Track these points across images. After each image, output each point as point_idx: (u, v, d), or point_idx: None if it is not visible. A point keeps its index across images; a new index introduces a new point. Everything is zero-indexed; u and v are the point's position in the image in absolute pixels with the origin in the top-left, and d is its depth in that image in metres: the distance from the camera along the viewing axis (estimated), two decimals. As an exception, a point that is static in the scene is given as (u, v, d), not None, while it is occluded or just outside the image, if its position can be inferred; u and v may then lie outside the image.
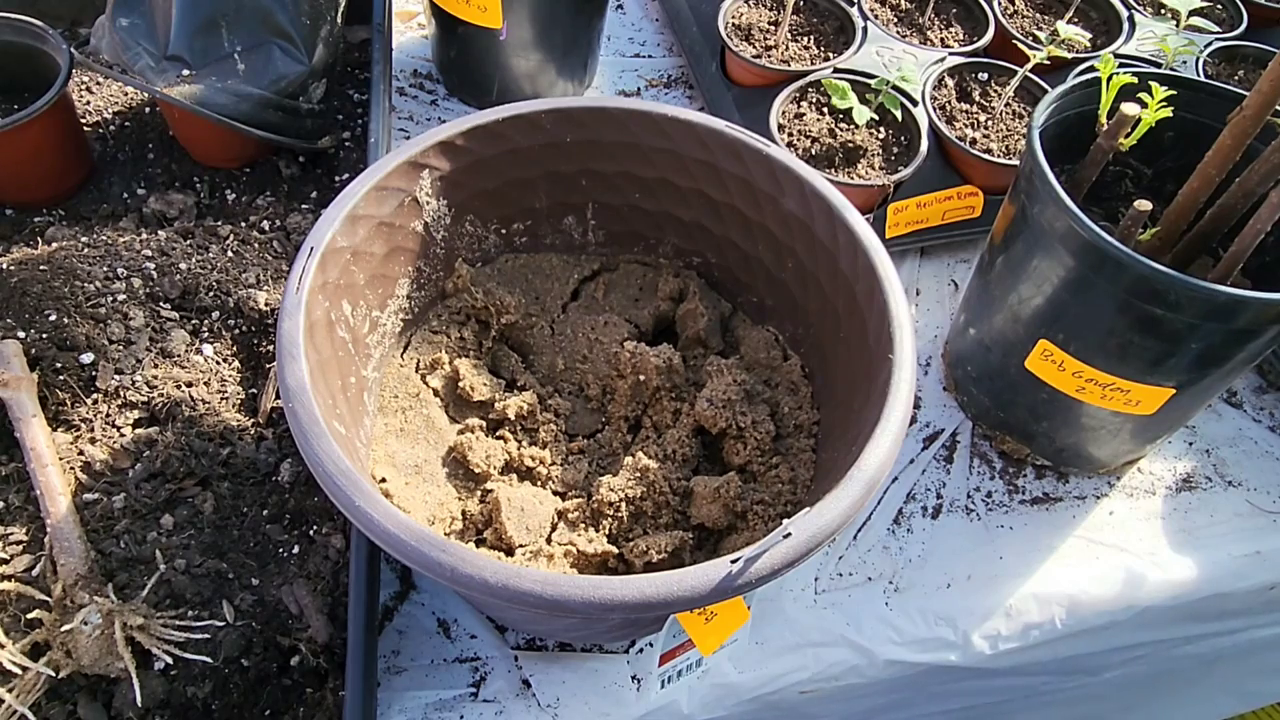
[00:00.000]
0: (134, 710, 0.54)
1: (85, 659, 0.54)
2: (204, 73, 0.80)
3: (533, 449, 0.64)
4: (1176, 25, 0.97)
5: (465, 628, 0.65)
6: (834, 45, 1.00)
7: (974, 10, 1.05)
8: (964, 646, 0.68)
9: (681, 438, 0.65)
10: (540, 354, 0.72)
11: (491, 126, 0.65)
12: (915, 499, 0.75)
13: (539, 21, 0.91)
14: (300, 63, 0.84)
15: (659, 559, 0.57)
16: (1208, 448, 0.81)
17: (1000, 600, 0.70)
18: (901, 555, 0.72)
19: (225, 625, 0.57)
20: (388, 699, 0.61)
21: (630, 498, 0.60)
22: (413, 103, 1.01)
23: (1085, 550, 0.73)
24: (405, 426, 0.64)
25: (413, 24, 1.11)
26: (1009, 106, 0.93)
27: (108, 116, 0.92)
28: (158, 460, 0.63)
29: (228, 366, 0.71)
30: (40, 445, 0.62)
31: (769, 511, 0.61)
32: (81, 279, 0.69)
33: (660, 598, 0.43)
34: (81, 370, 0.66)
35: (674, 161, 0.68)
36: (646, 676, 0.64)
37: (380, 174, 0.61)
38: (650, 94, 1.07)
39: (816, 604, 0.69)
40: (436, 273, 0.69)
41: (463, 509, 0.61)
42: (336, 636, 0.60)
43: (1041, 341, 0.66)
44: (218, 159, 0.88)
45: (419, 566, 0.44)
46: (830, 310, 0.64)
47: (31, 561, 0.59)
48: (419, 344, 0.69)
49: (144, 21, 0.81)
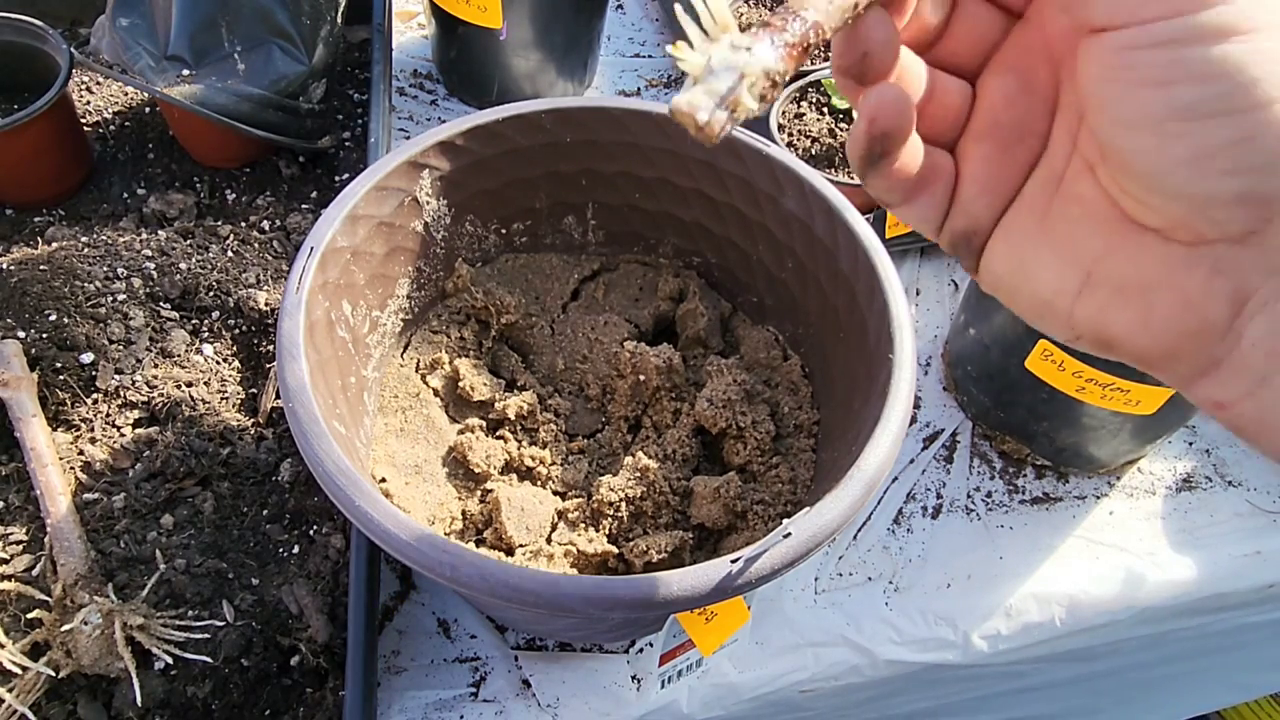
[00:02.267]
0: (134, 710, 0.54)
1: (85, 659, 0.54)
2: (204, 73, 0.80)
3: (533, 449, 0.64)
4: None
5: (465, 628, 0.65)
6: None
7: None
8: (964, 646, 0.68)
9: (681, 438, 0.65)
10: (540, 354, 0.72)
11: (491, 126, 0.65)
12: (915, 499, 0.75)
13: (539, 21, 0.91)
14: (300, 63, 0.84)
15: (659, 559, 0.57)
16: (1208, 448, 0.81)
17: (1000, 600, 0.70)
18: (901, 555, 0.72)
19: (225, 625, 0.57)
20: (388, 699, 0.61)
21: (630, 497, 0.60)
22: (413, 103, 1.01)
23: (1085, 550, 0.73)
24: (405, 426, 0.64)
25: (413, 24, 1.11)
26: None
27: (108, 116, 0.92)
28: (158, 460, 0.63)
29: (228, 366, 0.71)
30: (40, 445, 0.62)
31: (769, 511, 0.61)
32: (81, 279, 0.69)
33: (660, 598, 0.43)
34: (81, 370, 0.66)
35: (674, 161, 0.68)
36: (646, 676, 0.64)
37: (380, 174, 0.61)
38: (650, 94, 1.07)
39: (816, 604, 0.69)
40: (436, 273, 0.69)
41: (463, 509, 0.61)
42: (336, 636, 0.60)
43: (1042, 341, 0.66)
44: (218, 159, 0.88)
45: (419, 566, 0.44)
46: (830, 310, 0.64)
47: (31, 561, 0.59)
48: (419, 344, 0.69)
49: (144, 21, 0.81)
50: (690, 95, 0.25)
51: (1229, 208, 0.25)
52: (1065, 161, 0.30)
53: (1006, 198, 0.32)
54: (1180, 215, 0.26)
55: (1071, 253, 0.29)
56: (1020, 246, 0.31)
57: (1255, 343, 0.26)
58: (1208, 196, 0.25)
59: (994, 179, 0.32)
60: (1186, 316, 0.27)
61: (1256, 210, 0.25)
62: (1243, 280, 0.26)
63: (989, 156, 0.32)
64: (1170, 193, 0.26)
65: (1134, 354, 0.29)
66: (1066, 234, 0.30)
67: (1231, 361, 0.27)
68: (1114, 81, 0.26)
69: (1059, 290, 0.30)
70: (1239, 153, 0.24)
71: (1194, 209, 0.25)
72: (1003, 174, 0.32)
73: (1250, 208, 0.25)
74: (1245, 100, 0.23)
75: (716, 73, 0.25)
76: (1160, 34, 0.24)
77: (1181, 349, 0.28)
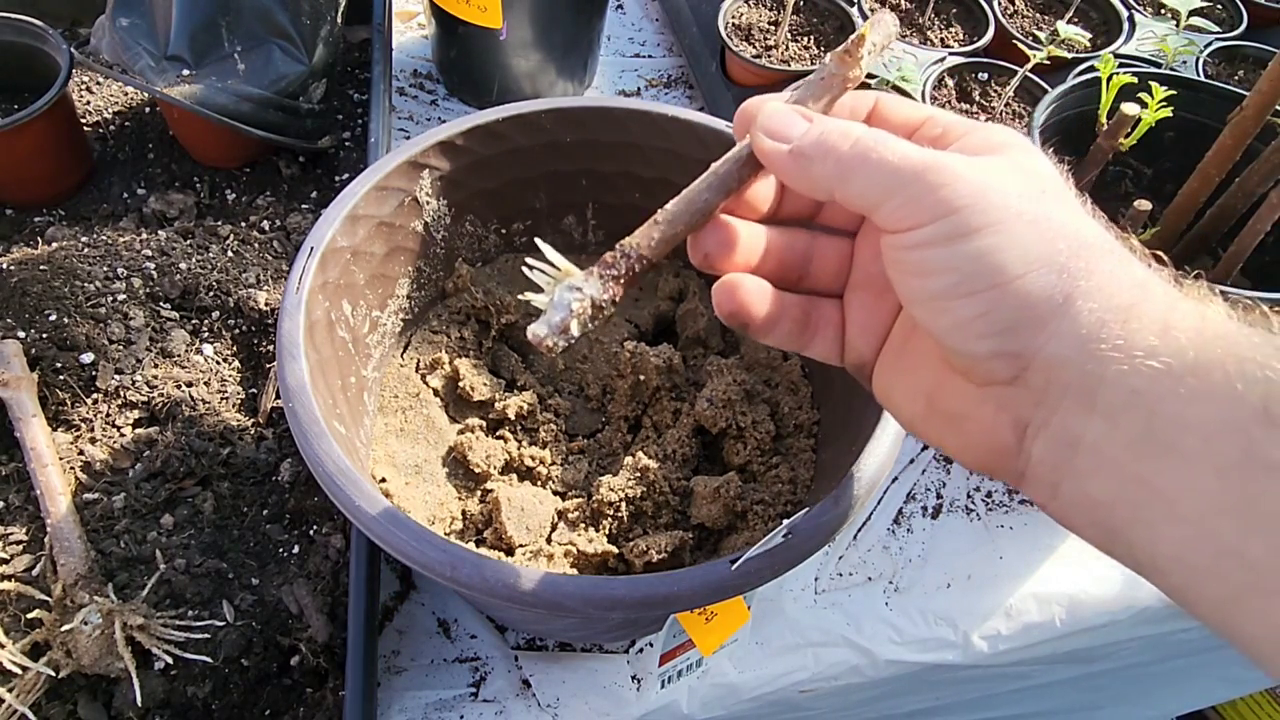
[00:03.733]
0: (134, 710, 0.54)
1: (85, 659, 0.54)
2: (204, 73, 0.80)
3: (533, 449, 0.64)
4: (1176, 25, 0.97)
5: (465, 628, 0.65)
6: (834, 45, 0.99)
7: (974, 10, 1.05)
8: (964, 646, 0.68)
9: (681, 438, 0.65)
10: (540, 354, 0.72)
11: (491, 126, 0.65)
12: (915, 499, 0.75)
13: (539, 21, 0.91)
14: (300, 63, 0.84)
15: (659, 559, 0.57)
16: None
17: (1000, 600, 0.70)
18: (901, 555, 0.72)
19: (225, 625, 0.57)
20: (388, 699, 0.61)
21: (630, 497, 0.60)
22: (413, 103, 1.01)
23: (1085, 550, 0.73)
24: (405, 426, 0.64)
25: (413, 24, 1.11)
26: (1009, 106, 0.93)
27: (108, 116, 0.92)
28: (158, 460, 0.63)
29: (228, 366, 0.71)
30: (40, 445, 0.62)
31: (769, 511, 0.61)
32: (81, 279, 0.69)
33: (660, 597, 0.43)
34: (81, 370, 0.66)
35: (674, 161, 0.68)
36: (646, 676, 0.64)
37: (380, 174, 0.61)
38: (650, 94, 1.07)
39: (816, 604, 0.69)
40: (436, 273, 0.69)
41: (463, 509, 0.61)
42: (336, 636, 0.60)
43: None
44: (218, 159, 0.88)
45: (419, 566, 0.44)
46: (830, 310, 0.64)
47: (31, 561, 0.59)
48: (419, 344, 0.69)
49: (144, 21, 0.80)
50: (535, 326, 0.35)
51: (990, 361, 0.32)
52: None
53: (881, 337, 0.39)
54: (964, 365, 0.33)
55: (917, 386, 0.37)
56: (888, 378, 0.39)
57: (1039, 460, 0.32)
58: (971, 353, 0.32)
59: (870, 322, 0.39)
60: (988, 440, 0.34)
61: (1012, 361, 0.31)
62: (1018, 413, 0.32)
63: (865, 303, 0.40)
64: (951, 349, 0.33)
65: (965, 463, 0.36)
66: (913, 370, 0.37)
67: (1029, 474, 0.33)
68: (894, 270, 0.34)
69: (914, 413, 0.37)
70: (984, 322, 0.31)
71: (970, 362, 0.33)
72: (877, 318, 0.39)
73: (1005, 360, 0.32)
74: (980, 283, 0.31)
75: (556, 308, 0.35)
76: (916, 239, 0.32)
77: (993, 464, 0.34)
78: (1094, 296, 0.30)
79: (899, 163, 0.32)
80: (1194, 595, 0.29)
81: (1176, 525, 0.29)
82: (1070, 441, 0.31)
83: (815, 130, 0.35)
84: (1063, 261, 0.30)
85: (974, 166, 0.32)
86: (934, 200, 0.31)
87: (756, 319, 0.38)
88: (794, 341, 0.40)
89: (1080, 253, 0.31)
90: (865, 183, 0.33)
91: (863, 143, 0.33)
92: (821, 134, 0.34)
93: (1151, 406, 0.29)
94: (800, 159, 0.34)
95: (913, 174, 0.32)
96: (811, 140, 0.34)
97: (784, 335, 0.40)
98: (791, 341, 0.40)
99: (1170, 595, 0.30)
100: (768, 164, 0.36)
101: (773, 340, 0.40)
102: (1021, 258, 0.30)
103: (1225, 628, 0.29)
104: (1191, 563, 0.28)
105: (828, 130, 0.34)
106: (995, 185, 0.31)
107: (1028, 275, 0.30)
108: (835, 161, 0.33)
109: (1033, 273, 0.30)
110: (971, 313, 0.31)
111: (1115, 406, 0.30)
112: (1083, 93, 0.69)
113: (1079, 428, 0.31)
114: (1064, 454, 0.31)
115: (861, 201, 0.33)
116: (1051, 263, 0.30)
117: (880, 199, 0.32)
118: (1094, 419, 0.30)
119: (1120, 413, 0.29)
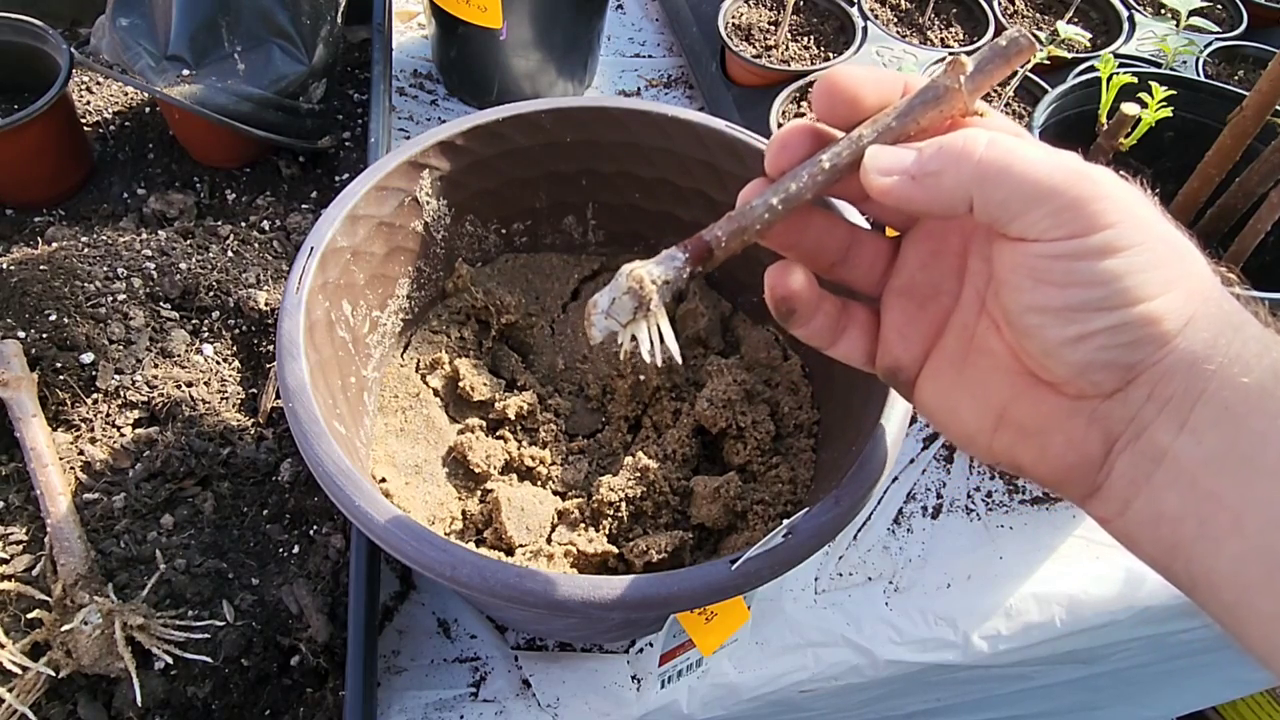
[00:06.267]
0: (134, 710, 0.54)
1: (85, 659, 0.54)
2: (204, 73, 0.80)
3: (533, 449, 0.64)
4: (1176, 25, 0.97)
5: (465, 628, 0.65)
6: (834, 45, 1.00)
7: (974, 10, 1.05)
8: (964, 646, 0.68)
9: (681, 438, 0.65)
10: (540, 354, 0.72)
11: (491, 126, 0.65)
12: (915, 499, 0.75)
13: (539, 21, 0.91)
14: (300, 63, 0.84)
15: (659, 559, 0.57)
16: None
17: (1000, 600, 0.70)
18: (901, 555, 0.72)
19: (225, 625, 0.57)
20: (388, 699, 0.61)
21: (630, 497, 0.60)
22: (413, 103, 1.01)
23: (1085, 550, 0.73)
24: (405, 426, 0.64)
25: (413, 24, 1.11)
26: (1009, 106, 0.93)
27: (108, 116, 0.92)
28: (158, 460, 0.63)
29: (228, 366, 0.71)
30: (40, 445, 0.62)
31: (769, 511, 0.61)
32: (81, 279, 0.69)
33: (660, 597, 0.43)
34: (81, 370, 0.66)
35: (674, 161, 0.68)
36: (646, 676, 0.64)
37: (380, 174, 0.61)
38: (650, 94, 1.07)
39: (816, 604, 0.69)
40: (436, 273, 0.69)
41: (463, 509, 0.61)
42: (336, 636, 0.60)
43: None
44: (218, 159, 0.88)
45: (419, 566, 0.44)
46: (830, 310, 0.64)
47: (31, 561, 0.59)
48: (419, 344, 0.69)
49: (144, 21, 0.81)
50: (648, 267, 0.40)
51: (1101, 371, 0.32)
52: (975, 319, 0.37)
53: (926, 346, 0.39)
54: (1066, 376, 0.33)
55: (986, 399, 0.37)
56: (945, 389, 0.38)
57: (1121, 474, 0.33)
58: (1087, 363, 0.32)
59: (912, 328, 0.39)
60: (1072, 453, 0.34)
61: (1121, 374, 0.32)
62: (1111, 427, 0.33)
63: (906, 309, 0.40)
64: (1060, 359, 0.33)
65: (1036, 478, 0.36)
66: (981, 382, 0.37)
67: (1105, 488, 0.34)
68: (1025, 276, 0.33)
69: (979, 428, 0.37)
70: (1111, 335, 0.32)
71: (1077, 372, 0.33)
72: (919, 325, 0.39)
73: (1117, 372, 0.32)
74: (1119, 300, 0.31)
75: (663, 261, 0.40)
76: (1061, 250, 0.32)
77: (1070, 477, 0.35)
78: (1212, 316, 0.32)
79: (1047, 172, 0.32)
80: (1244, 611, 0.30)
81: (1239, 539, 0.30)
82: (1156, 456, 0.32)
83: (930, 148, 0.34)
84: (1191, 285, 0.32)
85: (1119, 182, 0.32)
86: (1088, 214, 0.31)
87: (807, 304, 0.39)
88: (824, 338, 0.40)
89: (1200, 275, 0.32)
90: (1008, 191, 0.32)
91: (999, 147, 0.32)
92: (939, 148, 0.34)
93: (1238, 422, 0.30)
94: (924, 178, 0.34)
95: (1065, 184, 0.31)
96: (930, 155, 0.34)
97: (818, 329, 0.40)
98: (822, 338, 0.40)
99: (1219, 616, 0.31)
100: (888, 199, 0.35)
101: (806, 332, 0.40)
102: (1162, 279, 0.31)
103: (1269, 642, 0.29)
104: (1247, 578, 0.29)
105: (944, 144, 0.34)
106: (1139, 203, 0.32)
107: (1164, 295, 0.31)
108: (972, 169, 0.33)
109: (1170, 293, 0.31)
110: (1101, 325, 0.32)
111: (1205, 421, 0.31)
112: (1083, 93, 0.69)
113: (1167, 442, 0.32)
114: (1146, 469, 0.32)
115: (1002, 211, 0.32)
116: (1182, 285, 0.32)
117: (1023, 208, 0.32)
118: (1184, 433, 0.31)
119: (1209, 428, 0.31)
